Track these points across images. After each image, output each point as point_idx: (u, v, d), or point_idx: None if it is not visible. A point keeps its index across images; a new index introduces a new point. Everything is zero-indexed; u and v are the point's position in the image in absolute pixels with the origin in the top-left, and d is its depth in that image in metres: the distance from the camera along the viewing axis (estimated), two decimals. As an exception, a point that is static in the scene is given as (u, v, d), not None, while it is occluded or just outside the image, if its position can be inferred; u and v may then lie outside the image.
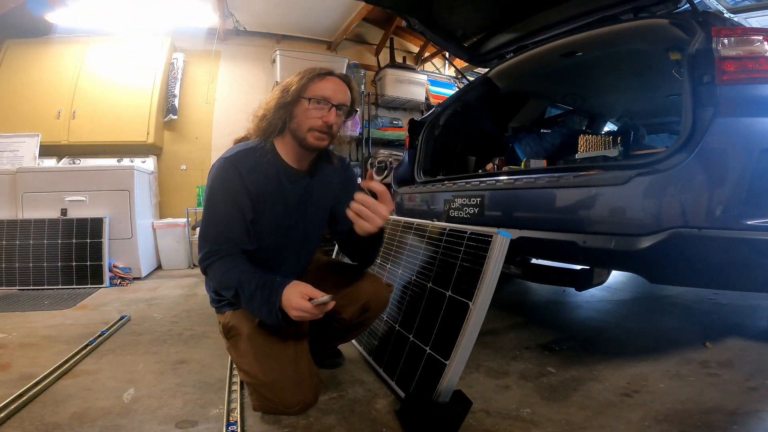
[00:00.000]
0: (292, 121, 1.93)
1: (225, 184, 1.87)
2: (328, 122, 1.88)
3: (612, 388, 2.15)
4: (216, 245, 1.85)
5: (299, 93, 1.89)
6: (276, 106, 1.92)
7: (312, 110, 1.88)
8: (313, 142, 1.90)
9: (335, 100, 1.90)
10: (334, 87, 1.91)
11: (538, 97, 4.65)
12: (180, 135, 7.27)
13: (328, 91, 1.89)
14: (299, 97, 1.89)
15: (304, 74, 1.92)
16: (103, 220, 5.01)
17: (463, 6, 3.55)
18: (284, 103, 1.91)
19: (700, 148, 1.95)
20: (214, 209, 1.89)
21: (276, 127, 1.93)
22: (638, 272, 2.27)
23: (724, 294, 3.86)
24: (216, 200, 1.88)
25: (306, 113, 1.89)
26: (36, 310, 3.74)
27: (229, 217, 1.87)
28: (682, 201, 1.95)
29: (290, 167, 2.00)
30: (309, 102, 1.88)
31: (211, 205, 1.90)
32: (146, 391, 2.15)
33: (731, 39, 2.04)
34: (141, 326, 3.29)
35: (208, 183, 1.92)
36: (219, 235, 1.86)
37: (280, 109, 1.92)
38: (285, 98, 1.91)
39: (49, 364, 2.39)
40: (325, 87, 1.90)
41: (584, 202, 2.24)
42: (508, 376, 2.32)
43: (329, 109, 1.88)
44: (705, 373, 2.29)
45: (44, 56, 6.44)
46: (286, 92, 1.91)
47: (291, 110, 1.92)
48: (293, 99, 1.90)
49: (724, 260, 1.98)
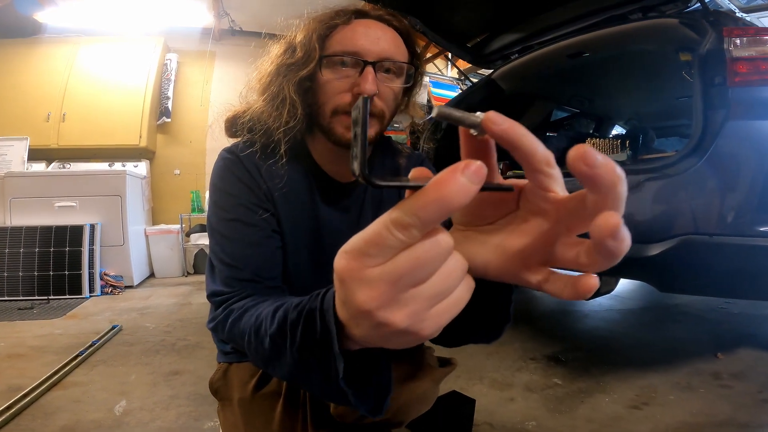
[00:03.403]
0: (312, 101, 1.21)
1: (229, 186, 1.19)
2: (365, 93, 1.11)
3: (620, 401, 2.15)
4: (227, 285, 1.11)
5: (311, 51, 1.16)
6: (276, 81, 1.21)
7: (334, 79, 1.15)
8: (344, 134, 1.17)
9: (372, 54, 1.13)
10: (367, 32, 1.15)
11: (544, 100, 4.64)
12: (173, 138, 7.26)
13: (358, 41, 1.14)
14: (312, 58, 1.16)
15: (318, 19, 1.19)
16: (83, 228, 4.99)
17: (466, 5, 3.55)
18: (290, 71, 1.18)
19: (712, 151, 1.96)
20: (218, 230, 1.17)
21: (278, 122, 1.18)
22: (647, 280, 2.27)
23: (736, 303, 3.85)
24: (219, 214, 1.18)
25: (326, 85, 1.17)
26: (24, 320, 3.74)
27: (242, 235, 1.16)
28: (693, 207, 1.95)
29: (326, 176, 1.30)
30: (325, 63, 1.16)
31: (212, 225, 1.19)
32: (138, 403, 2.15)
33: (743, 39, 2.04)
34: (133, 336, 3.29)
35: (209, 195, 1.25)
36: (230, 269, 1.12)
37: (284, 83, 1.19)
38: (291, 63, 1.18)
39: (38, 375, 2.39)
40: (353, 35, 1.15)
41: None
42: (512, 388, 2.32)
43: (362, 70, 1.13)
44: (716, 385, 2.29)
45: (33, 57, 6.45)
46: (291, 52, 1.20)
47: (305, 84, 1.19)
48: (304, 61, 1.16)
49: (736, 268, 1.98)
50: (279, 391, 1.27)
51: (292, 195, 1.23)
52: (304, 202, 1.27)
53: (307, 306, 0.72)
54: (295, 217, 1.25)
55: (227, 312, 1.05)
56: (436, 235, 0.40)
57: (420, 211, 0.38)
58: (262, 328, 0.88)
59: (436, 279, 0.42)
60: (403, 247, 0.40)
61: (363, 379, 0.70)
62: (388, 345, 0.49)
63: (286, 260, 1.25)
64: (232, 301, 1.07)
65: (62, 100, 6.33)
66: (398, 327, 0.43)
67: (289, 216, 1.24)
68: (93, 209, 5.15)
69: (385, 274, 0.40)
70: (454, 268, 0.44)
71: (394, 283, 0.41)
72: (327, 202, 1.30)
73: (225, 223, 1.16)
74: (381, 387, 0.72)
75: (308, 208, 1.28)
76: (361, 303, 0.42)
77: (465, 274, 0.46)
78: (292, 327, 0.76)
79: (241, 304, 1.04)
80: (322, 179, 1.29)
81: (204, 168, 7.25)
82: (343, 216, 1.33)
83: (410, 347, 0.48)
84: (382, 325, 0.43)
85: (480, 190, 0.38)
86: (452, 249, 0.43)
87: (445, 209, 0.37)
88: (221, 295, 1.10)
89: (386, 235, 0.39)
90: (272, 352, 0.84)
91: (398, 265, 0.40)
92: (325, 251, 1.30)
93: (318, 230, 1.29)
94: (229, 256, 1.13)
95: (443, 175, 0.37)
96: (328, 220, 1.30)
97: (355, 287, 0.42)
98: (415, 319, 0.43)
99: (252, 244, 1.15)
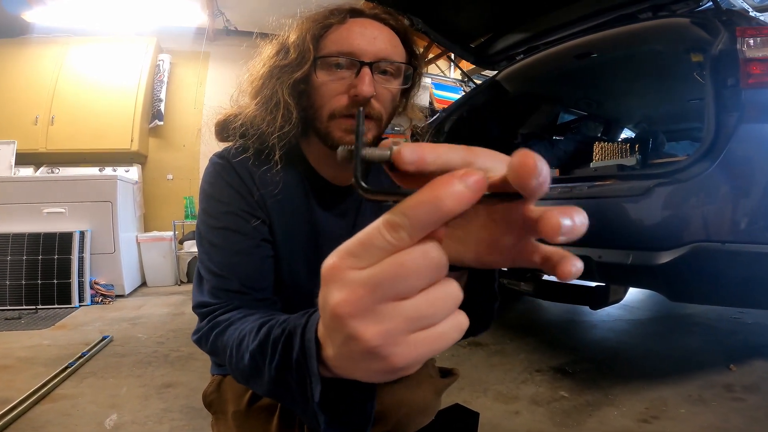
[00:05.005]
0: (307, 104, 1.20)
1: (219, 193, 1.18)
2: (361, 95, 1.10)
3: (629, 414, 2.15)
4: (214, 296, 1.09)
5: (305, 52, 1.15)
6: (269, 84, 1.19)
7: (330, 81, 1.14)
8: (341, 138, 1.15)
9: (368, 54, 1.12)
10: (363, 32, 1.14)
11: (550, 102, 4.65)
12: (166, 142, 7.27)
13: (353, 41, 1.13)
14: (306, 60, 1.14)
15: (312, 19, 1.18)
16: (73, 235, 4.99)
17: (469, 3, 3.56)
18: (284, 73, 1.17)
19: (724, 156, 1.96)
20: (206, 239, 1.16)
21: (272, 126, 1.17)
22: (657, 289, 2.27)
23: (750, 313, 3.85)
24: (208, 222, 1.16)
25: (321, 88, 1.15)
26: (11, 330, 3.74)
27: (230, 244, 1.14)
28: (705, 213, 1.96)
29: (322, 180, 1.29)
30: (320, 65, 1.14)
31: (201, 233, 1.18)
32: (130, 416, 2.15)
33: (757, 39, 2.05)
34: (124, 347, 3.29)
35: (199, 201, 1.24)
36: (217, 278, 1.11)
37: (278, 85, 1.17)
38: (285, 65, 1.17)
39: (26, 387, 2.39)
40: (349, 35, 1.14)
41: (599, 214, 2.25)
42: (518, 401, 2.32)
43: (358, 71, 1.12)
44: (729, 398, 2.29)
45: (21, 57, 6.45)
46: (284, 53, 1.19)
47: (299, 86, 1.18)
48: (298, 63, 1.15)
49: (749, 276, 1.98)
50: (275, 404, 1.25)
51: (287, 201, 1.22)
52: (299, 207, 1.26)
53: (292, 323, 0.73)
54: (290, 223, 1.24)
55: (212, 324, 1.04)
56: (427, 244, 0.39)
57: (409, 210, 0.37)
58: (243, 343, 0.88)
59: (421, 300, 0.40)
60: (390, 250, 0.38)
61: (341, 407, 0.69)
62: (356, 372, 0.46)
63: (280, 269, 1.24)
64: (218, 313, 1.06)
65: (51, 102, 6.33)
66: (368, 344, 0.40)
67: (283, 223, 1.22)
68: (83, 216, 5.15)
69: (366, 277, 0.39)
70: (444, 296, 0.41)
71: (374, 288, 0.39)
72: (323, 207, 1.29)
73: (213, 231, 1.15)
74: (360, 421, 0.71)
75: (304, 214, 1.27)
76: (335, 305, 0.40)
77: (456, 307, 0.42)
78: (273, 344, 0.76)
79: (227, 317, 1.03)
80: (317, 183, 1.28)
81: (198, 173, 7.20)
82: (340, 220, 1.32)
83: None
84: (352, 339, 0.41)
85: (482, 202, 0.37)
86: (444, 268, 0.40)
87: (436, 212, 0.36)
88: (207, 307, 1.08)
89: (375, 235, 0.38)
90: (252, 368, 0.84)
91: (381, 269, 0.38)
92: (322, 258, 1.24)
93: (315, 236, 1.28)
94: (216, 266, 1.11)
95: (440, 178, 0.37)
96: (324, 226, 1.29)
97: (333, 288, 0.41)
98: (389, 340, 0.40)
99: (240, 253, 1.14)
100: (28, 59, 6.46)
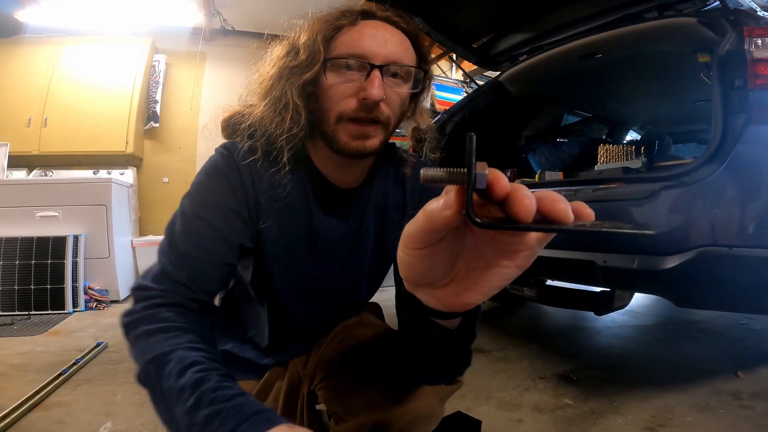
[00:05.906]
0: (315, 107, 1.20)
1: (213, 183, 1.19)
2: (371, 98, 1.09)
3: (635, 422, 2.15)
4: (157, 281, 1.07)
5: (315, 53, 1.15)
6: (278, 85, 1.19)
7: (339, 83, 1.14)
8: (348, 143, 1.15)
9: (379, 57, 1.12)
10: (374, 34, 1.14)
11: (554, 103, 4.66)
12: (162, 144, 7.25)
13: (364, 43, 1.12)
14: (316, 61, 1.15)
15: (323, 20, 1.19)
16: (66, 239, 4.98)
17: (471, 3, 3.56)
18: (293, 74, 1.17)
19: (732, 158, 1.96)
20: (178, 223, 1.15)
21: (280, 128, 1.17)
22: (663, 295, 2.27)
23: (758, 319, 3.86)
24: (188, 208, 1.16)
25: (330, 90, 1.15)
26: (4, 337, 3.73)
27: (199, 239, 1.12)
28: (712, 217, 1.96)
29: (327, 183, 1.30)
30: (330, 66, 1.14)
31: (175, 218, 1.17)
32: (125, 424, 2.14)
33: (765, 39, 2.05)
34: (119, 354, 3.28)
35: (191, 184, 1.23)
36: (169, 265, 1.09)
37: (287, 87, 1.17)
38: (294, 65, 1.17)
39: (18, 395, 2.38)
40: (360, 37, 1.14)
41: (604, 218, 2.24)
42: (521, 409, 2.32)
43: (368, 74, 1.11)
44: (737, 405, 2.29)
45: (13, 58, 6.43)
46: (294, 54, 1.19)
47: (308, 88, 1.18)
48: (307, 64, 1.15)
49: (757, 281, 1.98)
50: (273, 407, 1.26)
51: (286, 203, 1.22)
52: (297, 210, 1.26)
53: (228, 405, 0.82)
54: (287, 225, 1.25)
55: (147, 315, 1.02)
56: None
57: None
58: (167, 368, 0.91)
59: None
60: None
61: None
62: None
63: (269, 271, 1.27)
64: (156, 302, 1.03)
65: (44, 103, 6.30)
66: None
67: (279, 225, 1.23)
68: (77, 219, 5.13)
69: None
70: None
71: None
72: (325, 210, 1.30)
73: (191, 219, 1.14)
74: None
75: (302, 217, 1.28)
76: None
77: None
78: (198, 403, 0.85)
79: (164, 316, 1.01)
80: (322, 186, 1.29)
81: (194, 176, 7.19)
82: (342, 224, 1.33)
83: None
84: None
85: None
86: None
87: None
88: (146, 290, 1.05)
89: None
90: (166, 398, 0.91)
91: None
92: (319, 260, 1.33)
93: (313, 241, 1.30)
94: (175, 253, 1.10)
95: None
96: (324, 230, 1.31)
97: None
98: None
99: (204, 250, 1.12)
100: (21, 59, 6.44)
